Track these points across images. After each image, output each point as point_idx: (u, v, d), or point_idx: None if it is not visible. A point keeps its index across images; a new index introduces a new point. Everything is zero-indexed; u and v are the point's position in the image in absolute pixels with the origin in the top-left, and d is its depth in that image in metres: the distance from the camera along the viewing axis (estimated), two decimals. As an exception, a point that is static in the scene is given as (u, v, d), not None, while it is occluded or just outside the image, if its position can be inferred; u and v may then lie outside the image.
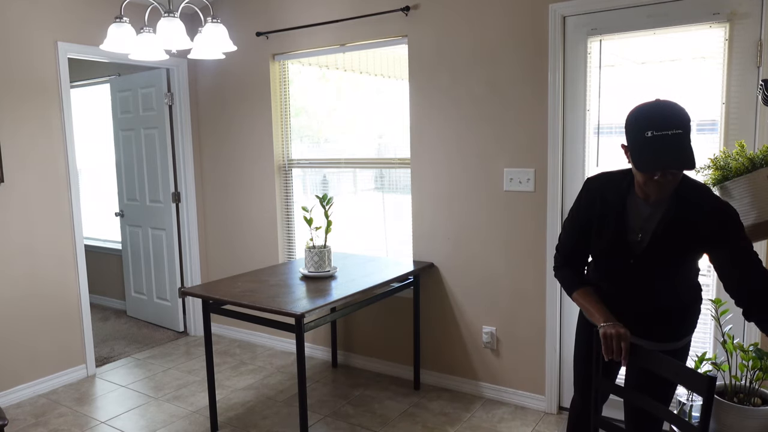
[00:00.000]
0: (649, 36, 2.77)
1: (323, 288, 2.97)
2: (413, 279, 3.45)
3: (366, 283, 3.05)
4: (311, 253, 3.19)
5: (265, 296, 2.83)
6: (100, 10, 3.82)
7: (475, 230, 3.35)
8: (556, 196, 3.06)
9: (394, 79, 3.71)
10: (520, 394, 3.33)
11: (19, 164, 3.48)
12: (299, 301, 2.74)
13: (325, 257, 3.19)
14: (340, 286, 3.01)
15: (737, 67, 2.56)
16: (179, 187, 4.53)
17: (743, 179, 1.90)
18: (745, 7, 2.52)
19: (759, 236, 1.90)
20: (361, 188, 4.03)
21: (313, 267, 3.19)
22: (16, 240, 3.48)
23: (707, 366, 2.15)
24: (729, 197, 1.95)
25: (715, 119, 2.65)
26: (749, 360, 2.00)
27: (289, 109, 4.14)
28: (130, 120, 4.79)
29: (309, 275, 3.18)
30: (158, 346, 4.45)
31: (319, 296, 2.82)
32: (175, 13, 2.53)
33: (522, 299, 3.25)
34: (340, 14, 3.66)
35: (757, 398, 2.00)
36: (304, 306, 2.64)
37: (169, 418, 3.28)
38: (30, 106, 3.51)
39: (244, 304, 2.71)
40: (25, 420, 3.29)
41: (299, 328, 2.62)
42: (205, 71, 4.41)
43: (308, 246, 3.23)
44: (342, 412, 3.30)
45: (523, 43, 3.07)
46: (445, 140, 3.39)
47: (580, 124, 2.98)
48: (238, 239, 4.42)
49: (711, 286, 2.75)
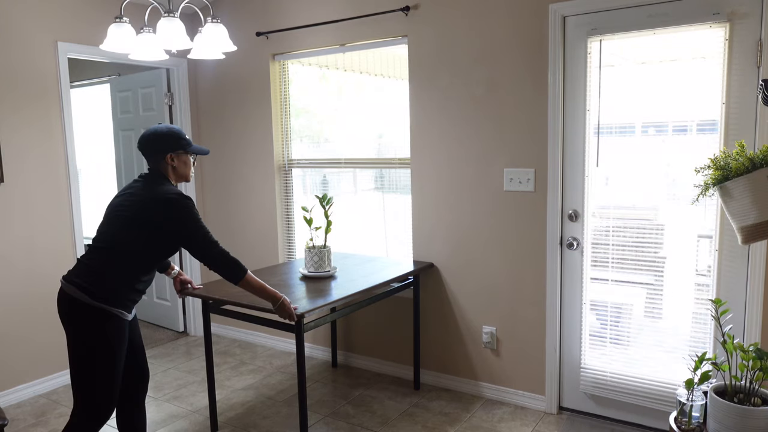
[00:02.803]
0: (649, 36, 2.77)
1: (323, 288, 2.97)
2: (413, 279, 3.45)
3: (366, 283, 3.04)
4: (311, 253, 3.18)
5: None
6: (100, 10, 3.82)
7: (476, 230, 3.35)
8: (556, 196, 3.06)
9: (394, 79, 3.71)
10: (520, 394, 3.33)
11: (19, 164, 3.48)
12: (299, 301, 2.73)
13: (325, 257, 3.19)
14: (340, 286, 3.00)
15: (737, 67, 2.56)
16: (179, 187, 4.52)
17: (743, 179, 1.89)
18: (745, 7, 2.52)
19: (759, 236, 1.89)
20: (361, 188, 4.03)
21: (313, 267, 3.19)
22: (16, 240, 3.48)
23: (707, 366, 2.15)
24: (729, 197, 1.94)
25: (715, 119, 2.65)
26: (749, 360, 2.00)
27: (289, 109, 4.14)
28: (130, 120, 4.78)
29: (309, 275, 3.18)
30: (158, 346, 4.45)
31: (318, 296, 2.81)
32: (175, 13, 2.53)
33: (522, 299, 3.25)
34: (340, 14, 3.66)
35: (757, 398, 2.00)
36: (304, 306, 2.63)
37: (169, 418, 3.28)
38: (30, 106, 3.51)
39: (243, 304, 2.70)
40: (25, 420, 3.29)
41: (299, 329, 2.61)
42: (205, 71, 4.41)
43: (308, 246, 3.22)
44: (342, 412, 3.30)
45: (523, 43, 3.07)
46: (445, 140, 3.39)
47: (580, 124, 2.98)
48: (238, 239, 4.42)
49: (711, 286, 2.75)
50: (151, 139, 2.34)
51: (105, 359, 2.21)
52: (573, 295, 3.10)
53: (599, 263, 3.02)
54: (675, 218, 2.84)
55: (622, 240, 2.95)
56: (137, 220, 2.23)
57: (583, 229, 3.03)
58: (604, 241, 3.00)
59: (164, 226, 2.22)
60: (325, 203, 3.21)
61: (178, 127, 2.41)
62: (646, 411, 2.97)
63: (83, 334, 2.19)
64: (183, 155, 2.38)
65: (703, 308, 2.79)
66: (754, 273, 2.61)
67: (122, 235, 2.23)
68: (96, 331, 2.19)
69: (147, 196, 2.26)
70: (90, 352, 2.20)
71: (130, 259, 2.24)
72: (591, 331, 3.10)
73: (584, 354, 3.11)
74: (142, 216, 2.22)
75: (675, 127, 2.77)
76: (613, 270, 2.99)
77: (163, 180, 2.34)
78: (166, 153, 2.33)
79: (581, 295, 3.07)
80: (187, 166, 2.42)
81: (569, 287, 3.11)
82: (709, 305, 2.74)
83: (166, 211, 2.22)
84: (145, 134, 2.35)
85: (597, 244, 3.02)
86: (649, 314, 2.95)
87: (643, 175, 2.88)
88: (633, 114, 2.86)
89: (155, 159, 2.35)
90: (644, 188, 2.89)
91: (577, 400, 3.18)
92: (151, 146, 2.34)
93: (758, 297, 2.61)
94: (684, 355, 2.80)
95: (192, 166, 2.45)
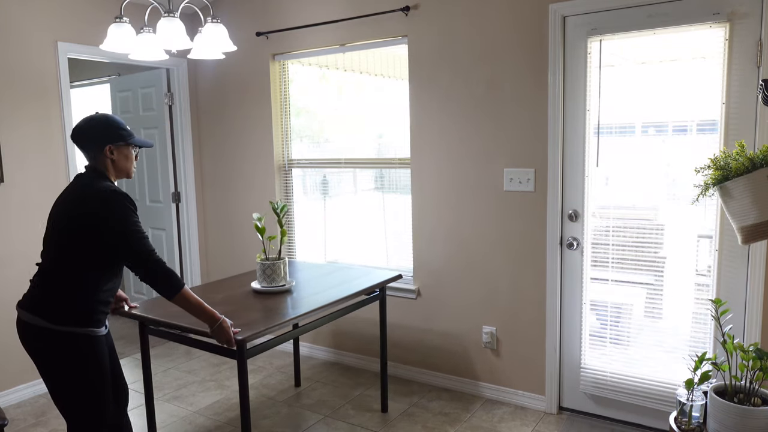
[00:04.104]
0: (649, 36, 2.77)
1: (274, 306, 2.62)
2: (379, 292, 3.13)
3: (324, 299, 2.70)
4: (263, 266, 2.85)
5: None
6: (100, 10, 3.82)
7: (476, 230, 3.35)
8: (556, 196, 3.06)
9: (394, 79, 3.71)
10: (520, 394, 3.33)
11: (19, 164, 3.48)
12: (244, 321, 2.39)
13: (279, 270, 2.86)
14: (296, 303, 2.67)
15: (737, 67, 2.56)
16: (179, 187, 4.53)
17: (743, 179, 1.89)
18: (745, 7, 2.52)
19: (759, 236, 1.89)
20: (361, 188, 4.03)
21: (266, 281, 2.86)
22: (16, 240, 3.48)
23: (707, 366, 2.15)
24: (729, 197, 1.94)
25: (715, 119, 2.65)
26: (749, 360, 2.00)
27: (289, 109, 4.14)
28: (130, 120, 4.78)
29: (261, 290, 2.85)
30: (158, 346, 4.45)
31: (268, 316, 2.47)
32: (175, 13, 2.53)
33: (522, 299, 3.25)
34: (340, 14, 3.66)
35: (757, 398, 2.00)
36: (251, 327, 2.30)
37: (169, 418, 3.28)
38: (30, 106, 3.51)
39: (178, 326, 2.37)
40: (25, 420, 3.29)
41: (241, 355, 2.29)
42: (205, 71, 4.41)
43: (259, 258, 2.88)
44: (342, 412, 3.30)
45: (523, 43, 3.07)
46: (445, 140, 3.39)
47: (580, 124, 2.98)
48: (238, 239, 4.42)
49: (711, 286, 2.75)
50: (86, 129, 2.08)
51: (88, 387, 2.03)
52: (573, 295, 3.10)
53: (599, 263, 3.02)
54: (675, 218, 2.84)
55: (622, 240, 2.95)
56: (73, 226, 1.99)
57: (583, 229, 3.03)
58: (604, 241, 3.00)
59: (99, 225, 1.97)
60: (280, 211, 2.95)
61: (117, 117, 2.20)
62: (646, 411, 2.97)
63: (57, 364, 1.99)
64: (124, 147, 2.12)
65: (703, 308, 2.79)
66: (754, 273, 2.61)
67: (65, 246, 2.00)
68: (70, 359, 1.99)
69: (78, 196, 2.02)
70: (69, 384, 2.01)
71: (81, 270, 2.00)
72: (591, 331, 3.10)
73: (584, 354, 3.11)
74: (77, 220, 1.98)
75: (675, 127, 2.77)
76: (613, 270, 2.99)
77: (100, 177, 2.08)
78: (104, 144, 2.07)
79: (581, 295, 3.07)
80: (128, 160, 2.15)
81: (569, 287, 3.11)
82: (709, 305, 2.74)
83: (99, 209, 1.97)
84: (80, 124, 2.09)
85: (597, 244, 3.02)
86: (649, 314, 2.95)
87: (643, 175, 2.88)
88: (633, 114, 2.86)
89: (92, 152, 2.09)
90: (644, 188, 2.89)
91: (577, 400, 3.18)
92: (88, 137, 2.08)
93: (758, 297, 2.61)
94: (684, 355, 2.80)
95: (134, 160, 2.19)
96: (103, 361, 2.08)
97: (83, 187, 2.04)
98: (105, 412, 2.10)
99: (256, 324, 2.35)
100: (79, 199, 2.01)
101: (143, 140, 2.22)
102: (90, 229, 1.97)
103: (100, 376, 2.06)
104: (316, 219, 4.18)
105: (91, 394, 2.05)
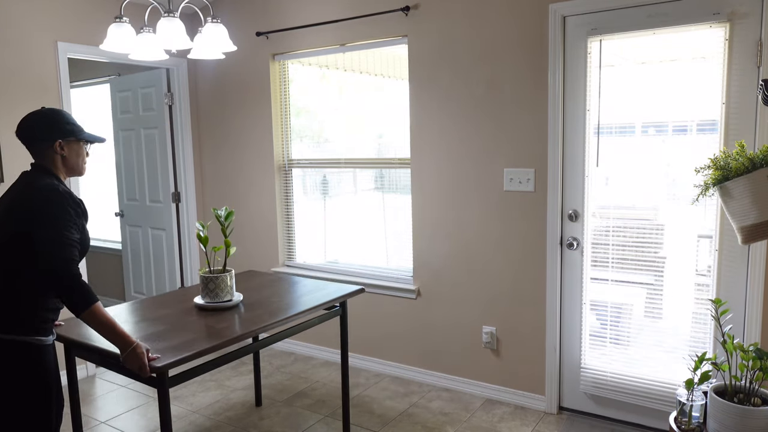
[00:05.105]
0: (649, 36, 2.77)
1: (214, 324, 2.35)
2: (339, 306, 2.87)
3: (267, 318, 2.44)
4: (206, 281, 2.56)
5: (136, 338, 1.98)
6: (100, 10, 3.82)
7: (475, 230, 3.35)
8: (556, 196, 3.06)
9: (394, 79, 3.71)
10: (520, 394, 3.33)
11: (19, 164, 3.48)
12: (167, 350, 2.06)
13: (224, 284, 2.57)
14: (244, 321, 2.43)
15: (737, 67, 2.56)
16: (179, 187, 4.53)
17: (743, 179, 1.90)
18: (745, 7, 2.52)
19: (759, 236, 1.90)
20: (361, 188, 4.03)
21: (209, 296, 2.57)
22: (16, 240, 3.48)
23: (707, 366, 2.15)
24: (729, 197, 1.95)
25: (715, 119, 2.65)
26: (749, 360, 2.01)
27: (289, 109, 4.14)
28: (130, 120, 4.78)
29: (204, 306, 2.57)
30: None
31: (202, 338, 2.19)
32: (175, 13, 2.53)
33: (522, 299, 3.25)
34: (340, 14, 3.66)
35: (757, 398, 2.01)
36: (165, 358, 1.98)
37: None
38: (30, 106, 3.50)
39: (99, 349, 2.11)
40: (25, 420, 3.28)
41: (161, 384, 2.02)
42: (205, 71, 4.41)
43: (202, 271, 2.61)
44: (342, 412, 3.30)
45: (523, 42, 3.07)
46: (445, 140, 3.39)
47: (580, 124, 2.98)
48: (237, 239, 4.42)
49: (711, 286, 2.75)
50: (33, 124, 1.93)
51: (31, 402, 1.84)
52: (573, 295, 3.10)
53: (599, 263, 3.02)
54: (675, 218, 2.84)
55: (622, 240, 2.95)
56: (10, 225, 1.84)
57: (583, 229, 3.03)
58: (604, 241, 3.00)
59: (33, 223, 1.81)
60: (224, 220, 2.65)
61: (66, 111, 2.03)
62: (646, 411, 2.97)
63: None
64: (74, 143, 1.98)
65: (703, 308, 2.79)
66: (754, 273, 2.61)
67: (3, 245, 1.84)
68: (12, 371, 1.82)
69: (18, 194, 1.88)
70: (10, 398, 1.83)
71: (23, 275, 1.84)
72: (591, 331, 3.10)
73: (584, 354, 3.11)
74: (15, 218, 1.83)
75: (675, 127, 2.77)
76: (613, 270, 2.99)
77: (46, 174, 1.93)
78: (54, 140, 1.93)
79: (581, 295, 3.08)
80: (79, 157, 2.01)
81: (569, 287, 3.11)
82: (709, 305, 2.74)
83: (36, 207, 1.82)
84: (27, 117, 1.95)
85: (597, 244, 3.02)
86: (649, 314, 2.95)
87: (643, 175, 2.88)
88: (633, 114, 2.86)
89: (40, 148, 1.94)
90: (644, 188, 2.89)
91: (577, 400, 3.18)
92: (34, 132, 1.93)
93: (758, 297, 2.61)
94: (684, 355, 2.80)
95: (86, 156, 2.05)
96: (49, 373, 1.91)
97: (25, 186, 1.90)
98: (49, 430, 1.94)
99: (184, 347, 2.07)
100: (19, 198, 1.88)
101: (95, 135, 2.06)
102: (27, 228, 1.82)
103: (45, 390, 1.89)
104: (316, 219, 4.18)
105: (34, 410, 1.88)
